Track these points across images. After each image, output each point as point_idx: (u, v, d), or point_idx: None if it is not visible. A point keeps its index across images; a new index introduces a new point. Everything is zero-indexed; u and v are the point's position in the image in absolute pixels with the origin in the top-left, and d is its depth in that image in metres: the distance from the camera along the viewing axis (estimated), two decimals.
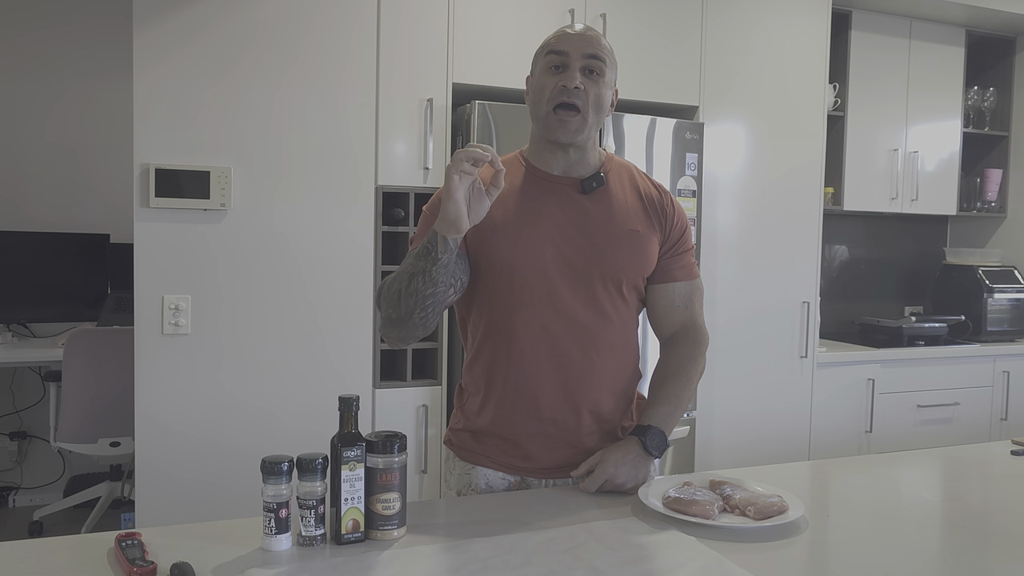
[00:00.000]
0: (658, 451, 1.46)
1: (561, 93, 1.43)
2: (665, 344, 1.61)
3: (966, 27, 3.94)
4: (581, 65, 1.44)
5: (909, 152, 3.84)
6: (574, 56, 1.44)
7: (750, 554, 1.18)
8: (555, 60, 1.45)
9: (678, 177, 3.02)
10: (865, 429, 3.56)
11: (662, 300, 1.57)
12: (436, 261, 1.31)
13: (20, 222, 3.75)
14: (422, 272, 1.33)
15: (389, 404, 2.75)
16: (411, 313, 1.36)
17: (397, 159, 2.73)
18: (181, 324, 2.50)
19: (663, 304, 1.57)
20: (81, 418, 3.25)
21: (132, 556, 1.07)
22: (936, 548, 1.22)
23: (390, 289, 1.38)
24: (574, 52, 1.44)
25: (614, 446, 1.46)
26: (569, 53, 1.44)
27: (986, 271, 3.95)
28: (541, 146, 1.51)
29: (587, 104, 1.44)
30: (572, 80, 1.42)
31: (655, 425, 1.47)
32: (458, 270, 1.43)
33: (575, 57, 1.44)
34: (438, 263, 1.32)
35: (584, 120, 1.45)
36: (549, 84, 1.45)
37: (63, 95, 3.80)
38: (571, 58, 1.44)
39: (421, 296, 1.34)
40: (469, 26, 2.80)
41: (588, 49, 1.44)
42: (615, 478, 1.41)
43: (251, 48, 2.55)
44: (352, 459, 1.18)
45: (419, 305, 1.35)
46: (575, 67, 1.43)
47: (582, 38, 1.45)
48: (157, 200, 2.44)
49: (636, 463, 1.43)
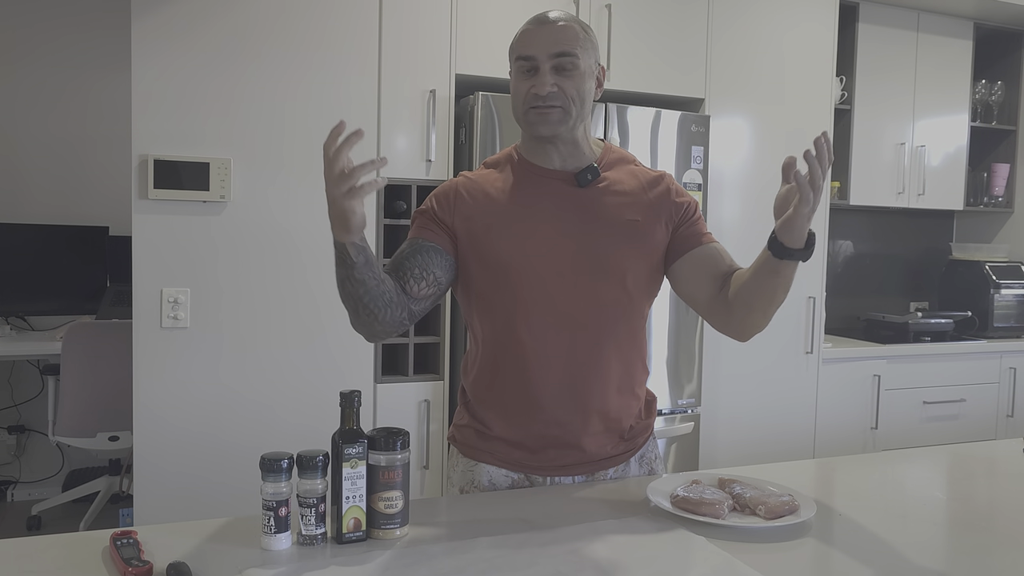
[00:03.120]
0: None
1: (535, 99, 1.39)
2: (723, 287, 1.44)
3: (974, 20, 3.90)
4: (551, 65, 1.38)
5: (916, 146, 3.80)
6: (541, 59, 1.38)
7: (761, 554, 1.15)
8: (524, 65, 1.41)
9: (683, 171, 2.99)
10: (871, 425, 3.54)
11: (700, 265, 1.45)
12: (353, 266, 1.28)
13: (18, 214, 3.72)
14: (347, 278, 1.31)
15: (391, 399, 2.72)
16: (357, 312, 1.35)
17: (399, 151, 2.70)
18: (180, 317, 2.48)
19: (704, 268, 1.45)
20: (80, 412, 3.23)
21: (127, 555, 1.05)
22: (949, 548, 1.19)
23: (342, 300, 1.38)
24: (540, 54, 1.38)
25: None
26: (535, 56, 1.39)
27: (993, 266, 3.92)
28: (532, 143, 1.48)
29: (566, 100, 1.39)
30: (543, 86, 1.38)
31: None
32: (431, 264, 1.42)
33: (542, 59, 1.38)
34: (355, 267, 1.29)
35: (566, 112, 1.40)
36: (522, 89, 1.41)
37: (61, 87, 3.77)
38: (539, 61, 1.39)
39: (356, 297, 1.32)
40: (472, 16, 2.77)
41: (554, 48, 1.38)
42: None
43: (252, 38, 2.52)
44: (354, 456, 1.16)
45: (359, 304, 1.33)
46: (545, 70, 1.38)
47: (547, 36, 1.39)
48: (156, 192, 2.41)
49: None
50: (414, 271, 1.41)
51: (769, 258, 1.31)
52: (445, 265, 1.44)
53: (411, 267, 1.41)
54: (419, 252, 1.43)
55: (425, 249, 1.43)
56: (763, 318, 1.40)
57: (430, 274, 1.42)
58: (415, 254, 1.43)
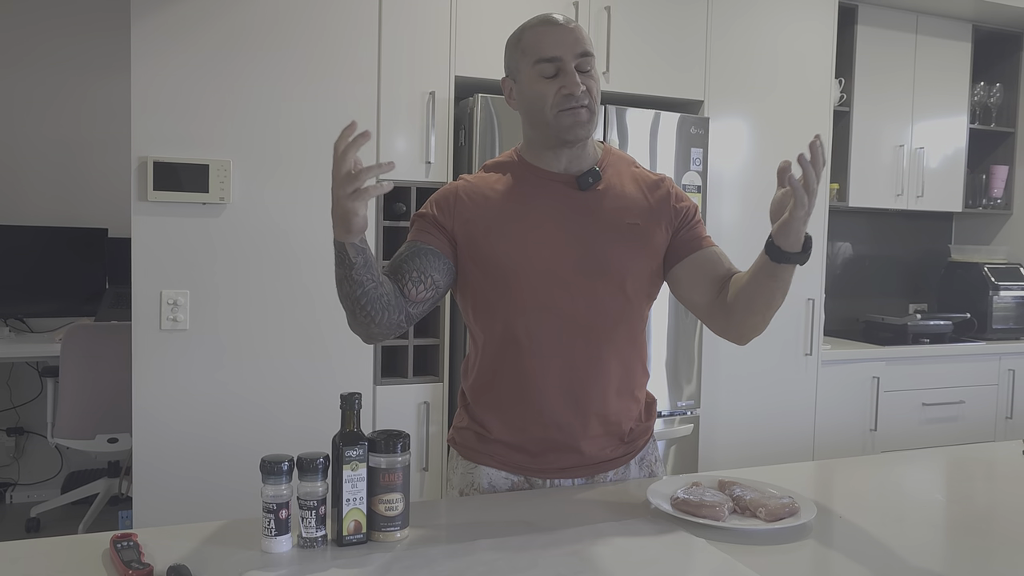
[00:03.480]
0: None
1: (567, 100, 1.38)
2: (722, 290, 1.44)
3: (973, 22, 3.90)
4: (576, 64, 1.39)
5: (915, 148, 3.80)
6: (568, 59, 1.38)
7: (761, 557, 1.15)
8: (548, 68, 1.39)
9: (683, 172, 2.99)
10: (870, 427, 3.54)
11: (697, 270, 1.46)
12: (351, 266, 1.29)
13: (18, 216, 3.72)
14: (345, 278, 1.31)
15: (390, 401, 2.72)
16: (354, 313, 1.35)
17: (399, 153, 2.69)
18: (179, 319, 2.47)
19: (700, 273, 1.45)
20: (79, 414, 3.22)
21: (128, 558, 1.05)
22: (948, 551, 1.19)
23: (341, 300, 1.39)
24: (567, 54, 1.38)
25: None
26: (562, 56, 1.38)
27: (992, 268, 3.92)
28: (543, 147, 1.46)
29: (592, 100, 1.40)
30: (577, 87, 1.37)
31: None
32: (430, 267, 1.41)
33: (568, 59, 1.38)
34: (353, 267, 1.29)
35: (592, 112, 1.41)
36: (549, 92, 1.39)
37: (60, 88, 3.76)
38: (565, 61, 1.38)
39: (354, 298, 1.33)
40: (472, 18, 2.77)
41: (579, 48, 1.39)
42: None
43: (251, 39, 2.52)
44: (354, 459, 1.16)
45: (357, 305, 1.33)
46: (571, 70, 1.38)
47: (568, 34, 1.39)
48: (155, 194, 2.41)
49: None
50: (412, 274, 1.41)
51: (767, 262, 1.31)
52: (443, 269, 1.44)
53: (409, 270, 1.41)
54: (417, 255, 1.43)
55: (424, 252, 1.43)
56: (762, 321, 1.40)
57: (428, 277, 1.42)
58: (413, 257, 1.43)
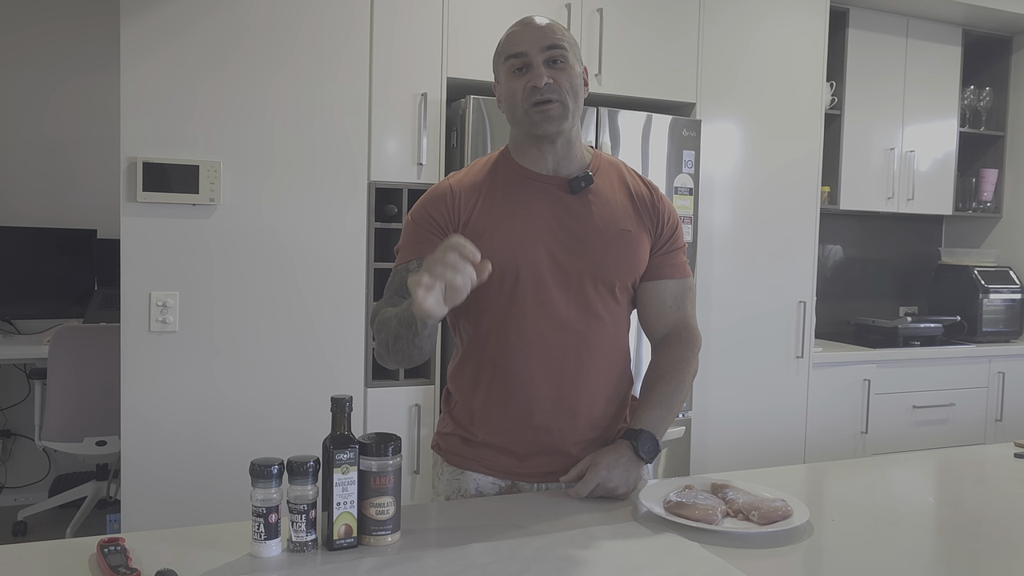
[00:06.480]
0: (649, 456, 1.42)
1: (533, 93, 1.39)
2: (657, 345, 1.57)
3: (963, 26, 3.92)
4: (543, 59, 1.39)
5: (905, 151, 3.82)
6: (533, 53, 1.39)
7: (754, 560, 1.15)
8: (516, 63, 1.41)
9: (675, 175, 2.99)
10: (861, 430, 3.54)
11: (653, 300, 1.52)
12: (418, 334, 1.30)
13: (5, 217, 3.69)
14: (405, 338, 1.32)
15: (381, 403, 2.71)
16: (397, 359, 1.37)
17: (390, 154, 2.69)
18: (169, 321, 2.46)
19: (654, 304, 1.53)
20: (66, 416, 3.20)
21: (115, 563, 1.03)
22: (939, 553, 1.19)
23: (379, 332, 1.38)
24: (532, 49, 1.39)
25: (605, 450, 1.42)
26: (527, 52, 1.40)
27: (981, 271, 3.94)
28: (526, 145, 1.47)
29: (563, 93, 1.40)
30: (540, 79, 1.38)
31: (647, 429, 1.43)
32: None
33: (534, 53, 1.39)
34: (420, 335, 1.31)
35: (564, 107, 1.41)
36: (518, 88, 1.41)
37: (49, 89, 3.74)
38: (531, 56, 1.40)
39: (407, 353, 1.35)
40: (464, 19, 2.76)
41: (544, 41, 1.40)
42: (607, 482, 1.37)
43: (242, 40, 2.50)
44: (345, 462, 1.15)
45: (403, 354, 1.36)
46: (538, 63, 1.39)
47: (536, 31, 1.41)
48: (144, 195, 2.39)
49: (628, 467, 1.39)
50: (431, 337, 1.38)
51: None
52: None
53: None
54: None
55: None
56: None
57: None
58: None
